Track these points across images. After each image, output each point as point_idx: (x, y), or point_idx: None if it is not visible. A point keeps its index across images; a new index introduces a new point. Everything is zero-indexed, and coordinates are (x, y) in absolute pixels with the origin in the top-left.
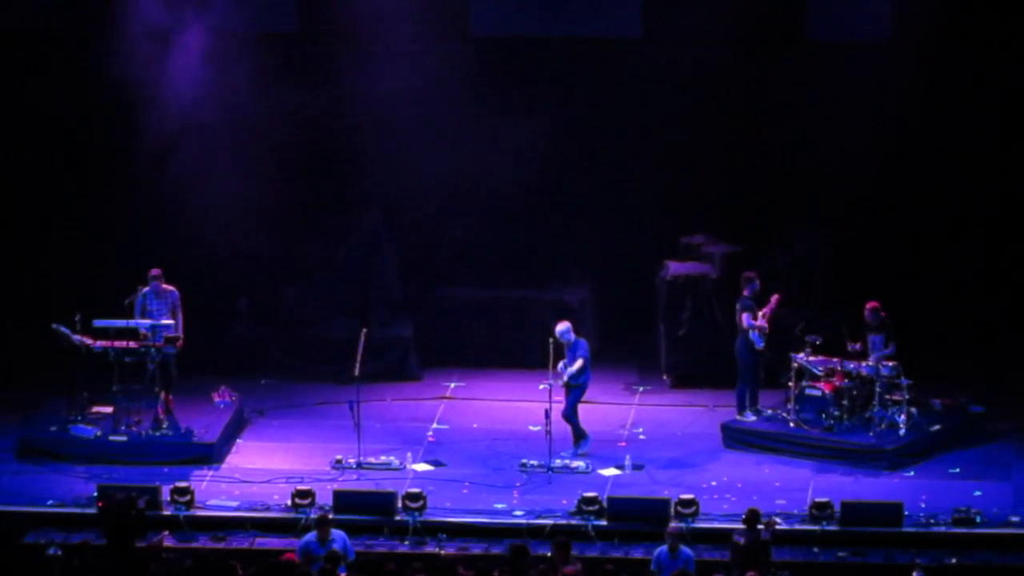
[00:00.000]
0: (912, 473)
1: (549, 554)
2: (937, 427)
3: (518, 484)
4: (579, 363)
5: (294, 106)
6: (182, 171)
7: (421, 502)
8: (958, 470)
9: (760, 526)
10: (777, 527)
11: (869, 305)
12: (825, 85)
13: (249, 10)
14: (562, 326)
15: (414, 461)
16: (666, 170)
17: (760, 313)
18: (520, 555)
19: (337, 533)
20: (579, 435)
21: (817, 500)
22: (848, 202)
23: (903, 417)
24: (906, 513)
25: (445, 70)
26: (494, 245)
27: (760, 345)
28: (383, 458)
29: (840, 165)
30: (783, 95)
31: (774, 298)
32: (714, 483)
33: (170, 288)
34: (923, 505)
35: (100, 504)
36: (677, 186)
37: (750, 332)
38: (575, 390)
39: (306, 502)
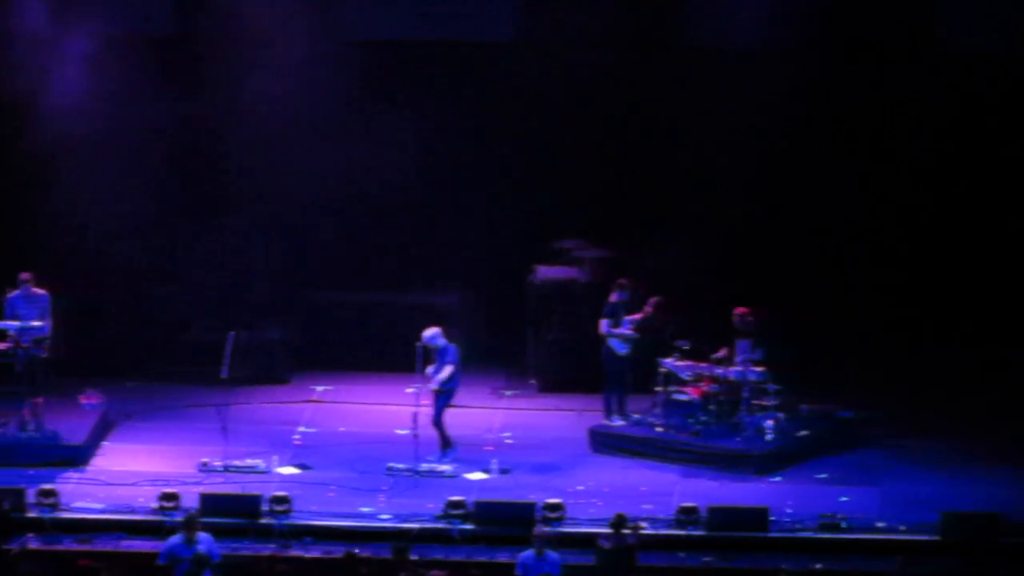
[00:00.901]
0: (779, 478)
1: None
2: (804, 432)
3: (384, 488)
4: (447, 370)
5: (169, 109)
6: (56, 175)
7: (286, 505)
8: (825, 475)
9: (626, 531)
10: (643, 532)
11: (738, 310)
12: (701, 90)
13: (124, 13)
14: (430, 332)
15: (280, 464)
16: (541, 174)
17: (632, 319)
18: (353, 563)
19: (203, 536)
20: (446, 442)
21: (683, 505)
22: (723, 207)
23: (770, 422)
24: (772, 518)
25: (320, 74)
26: (367, 248)
27: (622, 351)
28: (249, 461)
29: (716, 170)
30: (658, 99)
31: (651, 302)
32: (581, 487)
33: (40, 292)
34: (789, 510)
35: None
36: (552, 190)
37: (609, 339)
38: (442, 395)
39: (172, 505)
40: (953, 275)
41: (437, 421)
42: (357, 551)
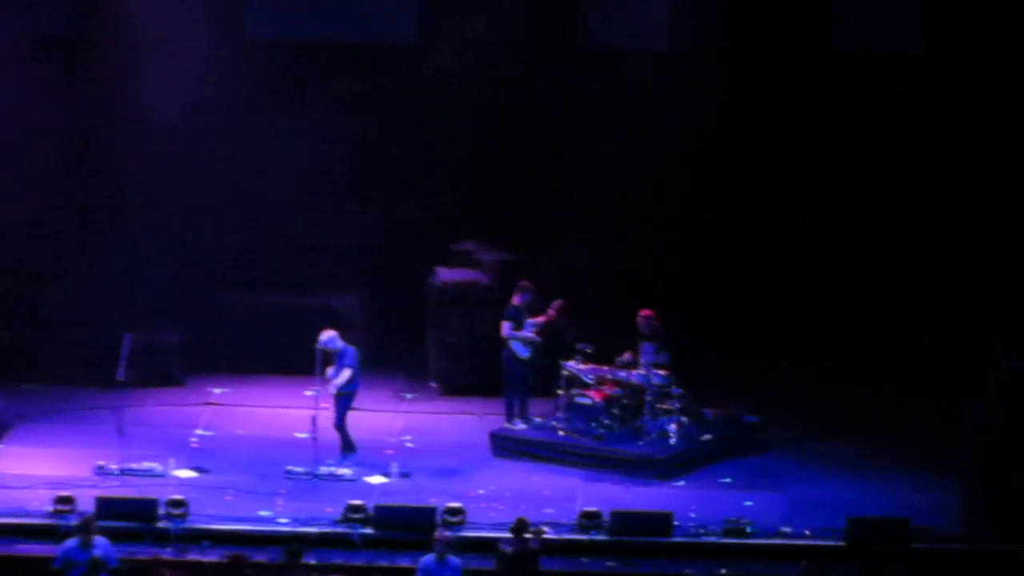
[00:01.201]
0: (683, 483)
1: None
2: (708, 437)
3: (283, 491)
4: (346, 373)
5: (66, 110)
6: None
7: (183, 509)
8: (730, 480)
9: (528, 535)
10: (545, 536)
11: (642, 313)
12: (603, 93)
13: (20, 14)
14: (326, 335)
15: (177, 467)
16: (442, 175)
17: (534, 321)
18: (240, 567)
19: (99, 540)
20: (348, 446)
21: (586, 509)
22: (627, 209)
23: (674, 426)
24: (676, 523)
25: (219, 74)
26: (265, 250)
27: (523, 354)
28: (146, 464)
29: (619, 172)
30: (560, 102)
31: (555, 305)
32: (482, 492)
33: None
34: (693, 515)
35: None
36: (453, 192)
37: (510, 342)
38: (343, 398)
39: (67, 508)
40: (859, 276)
41: (340, 424)
42: (250, 555)
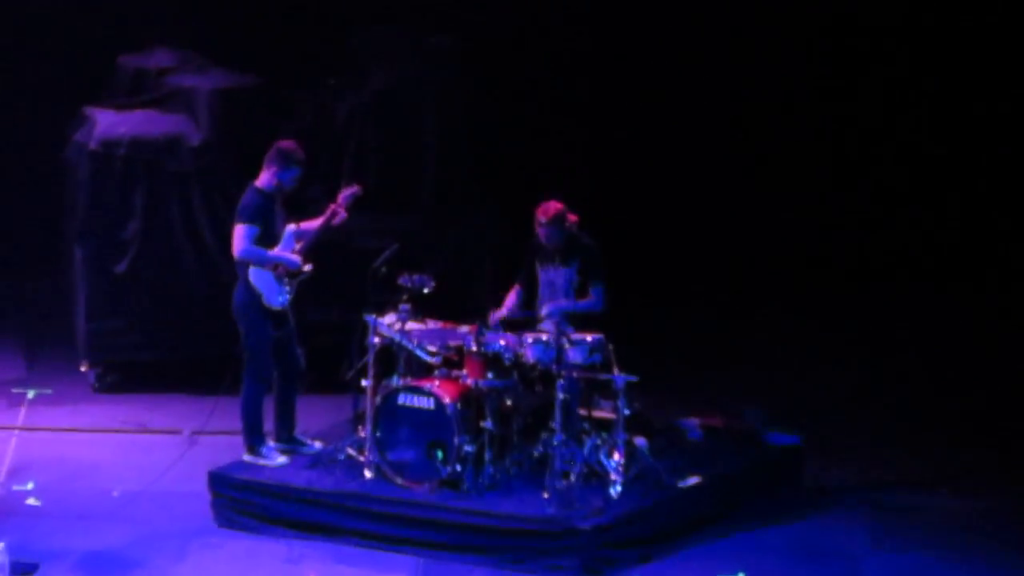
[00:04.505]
0: None
1: None
2: (694, 480)
3: None
4: None
5: None
6: None
7: None
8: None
9: None
10: None
11: (544, 208)
12: None
13: None
14: None
15: None
16: None
17: (302, 228)
18: None
19: None
20: None
21: None
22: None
23: (617, 458)
24: None
25: None
26: None
27: (280, 301)
28: None
29: None
30: None
31: (342, 195)
32: None
33: None
34: None
35: None
36: None
37: (251, 270)
38: None
39: None
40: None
41: None
42: None
